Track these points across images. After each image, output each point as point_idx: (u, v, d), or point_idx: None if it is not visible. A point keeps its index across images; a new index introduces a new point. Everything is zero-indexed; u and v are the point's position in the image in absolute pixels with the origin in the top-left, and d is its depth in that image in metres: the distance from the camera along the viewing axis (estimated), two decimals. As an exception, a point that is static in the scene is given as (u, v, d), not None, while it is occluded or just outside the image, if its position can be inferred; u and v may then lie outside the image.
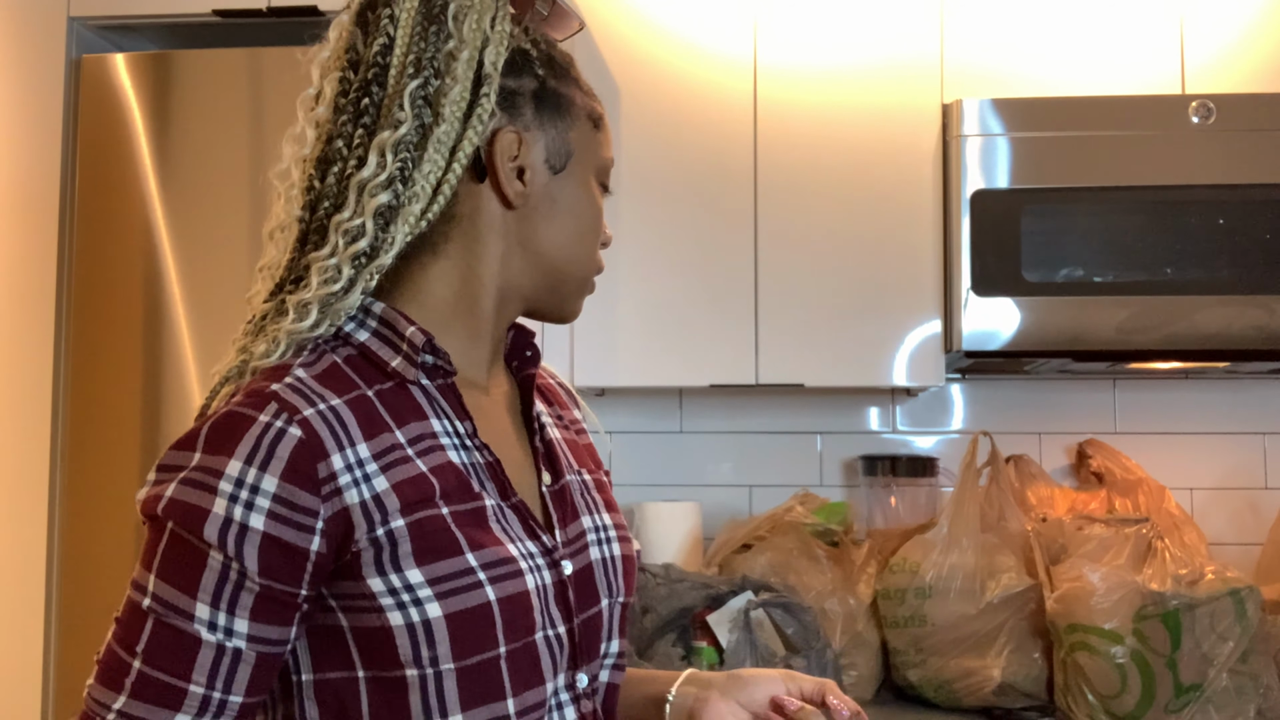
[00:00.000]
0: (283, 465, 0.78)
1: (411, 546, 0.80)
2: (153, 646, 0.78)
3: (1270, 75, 2.15)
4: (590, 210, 0.94)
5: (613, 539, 0.96)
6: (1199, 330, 2.02)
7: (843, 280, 2.16)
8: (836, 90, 2.18)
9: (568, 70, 0.94)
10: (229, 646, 0.78)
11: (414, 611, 0.79)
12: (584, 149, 0.94)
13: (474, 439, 0.88)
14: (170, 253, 1.90)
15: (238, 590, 0.78)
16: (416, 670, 0.80)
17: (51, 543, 1.90)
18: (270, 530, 0.77)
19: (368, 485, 0.80)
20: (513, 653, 0.82)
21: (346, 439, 0.81)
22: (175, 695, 0.78)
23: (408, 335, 0.86)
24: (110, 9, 1.97)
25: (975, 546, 2.02)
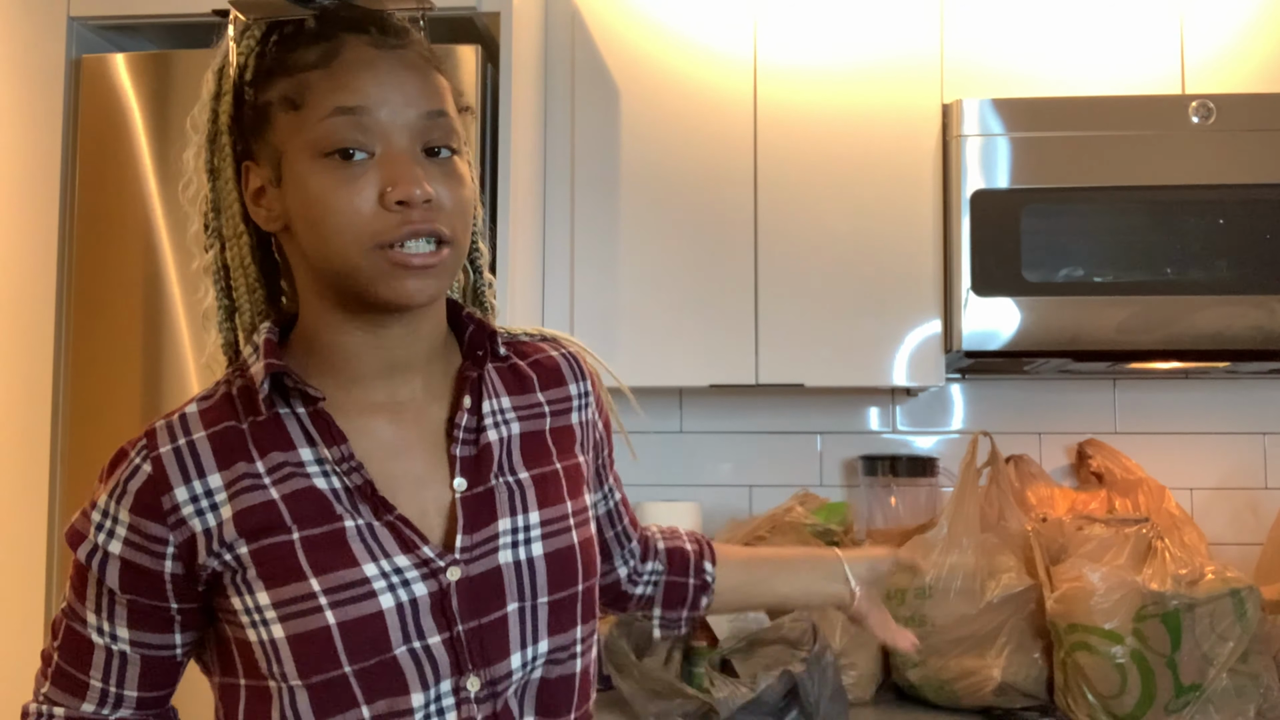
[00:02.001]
0: (132, 500, 0.89)
1: (257, 571, 0.87)
2: (64, 645, 0.94)
3: (1270, 75, 2.15)
4: (315, 200, 0.86)
5: (534, 539, 0.93)
6: (1199, 330, 2.02)
7: (843, 280, 2.16)
8: (836, 90, 2.18)
9: (273, 68, 0.90)
10: (114, 649, 0.92)
11: (263, 631, 0.87)
12: (287, 140, 0.88)
13: (343, 464, 0.89)
14: (170, 253, 1.90)
15: (112, 603, 0.91)
16: (274, 682, 0.87)
17: (51, 543, 1.90)
18: (126, 555, 0.89)
19: (213, 514, 0.88)
20: (362, 670, 0.86)
21: (196, 472, 0.89)
22: (80, 686, 0.93)
23: (250, 373, 0.92)
24: (110, 9, 1.97)
25: (975, 546, 2.02)
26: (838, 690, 1.85)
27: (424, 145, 0.88)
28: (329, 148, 0.86)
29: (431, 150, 0.88)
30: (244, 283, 0.96)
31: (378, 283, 0.86)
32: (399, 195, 0.84)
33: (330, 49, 0.88)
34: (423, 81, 0.89)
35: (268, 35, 0.92)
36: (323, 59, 0.87)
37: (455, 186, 0.88)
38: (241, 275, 0.95)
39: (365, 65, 0.87)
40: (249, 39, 0.93)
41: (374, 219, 0.85)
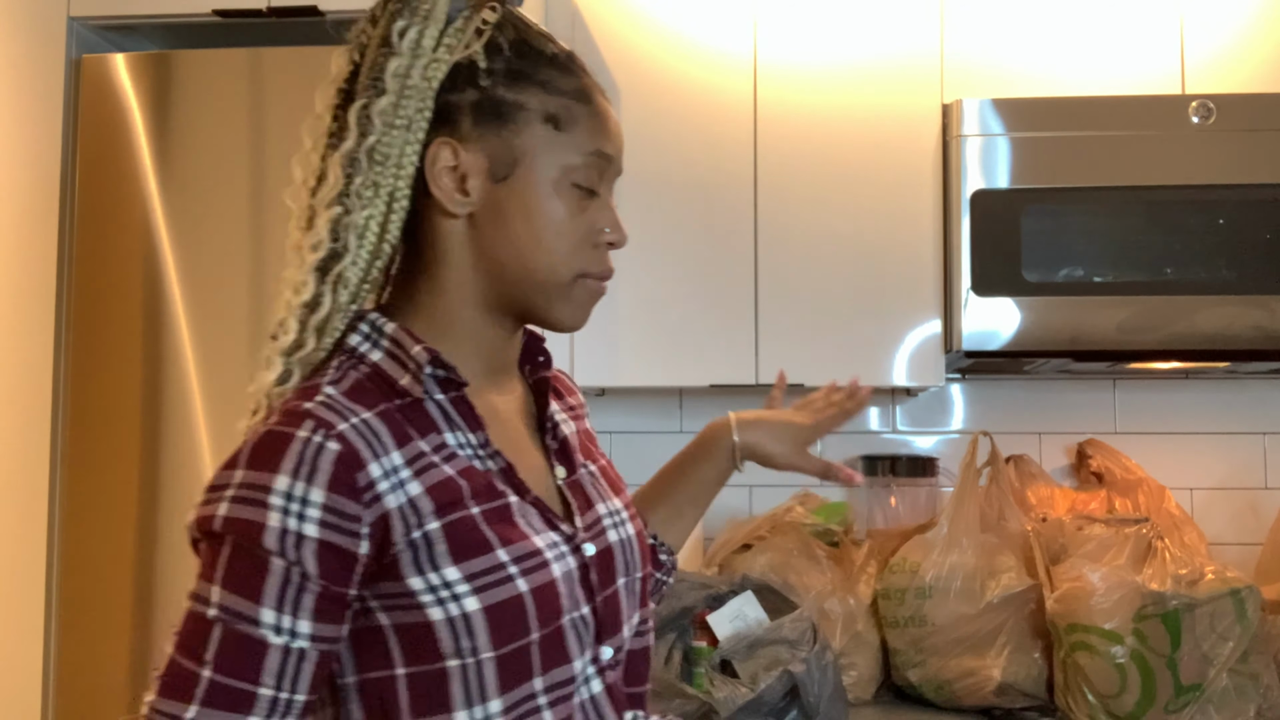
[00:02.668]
0: (326, 478, 0.83)
1: (447, 546, 0.85)
2: (222, 654, 0.82)
3: (1270, 75, 2.15)
4: (547, 214, 0.92)
5: (625, 520, 1.02)
6: (1199, 330, 2.02)
7: (843, 280, 2.16)
8: (836, 90, 2.18)
9: (529, 75, 0.93)
10: (294, 647, 0.83)
11: (453, 606, 0.85)
12: (538, 153, 0.92)
13: (485, 448, 0.93)
14: (170, 253, 1.90)
15: (300, 593, 0.82)
16: (458, 660, 0.85)
17: (51, 543, 1.90)
18: (323, 537, 0.82)
19: (403, 490, 0.86)
20: (543, 638, 0.88)
21: (381, 448, 0.86)
22: (246, 699, 0.81)
23: (413, 354, 0.91)
24: (110, 9, 1.97)
25: (975, 546, 2.02)
26: (838, 690, 1.86)
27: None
28: (582, 181, 0.94)
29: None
30: (371, 248, 0.91)
31: (564, 305, 0.96)
32: (614, 239, 0.97)
33: (585, 88, 0.96)
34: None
35: (500, 27, 0.94)
36: (582, 95, 0.95)
37: None
38: (374, 240, 0.91)
39: (614, 118, 0.98)
40: (476, 20, 0.93)
41: (585, 250, 0.95)
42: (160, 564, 1.85)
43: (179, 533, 1.85)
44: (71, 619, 1.87)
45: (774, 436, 1.24)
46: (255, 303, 1.88)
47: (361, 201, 0.90)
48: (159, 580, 1.85)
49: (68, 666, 1.87)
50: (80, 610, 1.87)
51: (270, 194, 1.89)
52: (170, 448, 1.87)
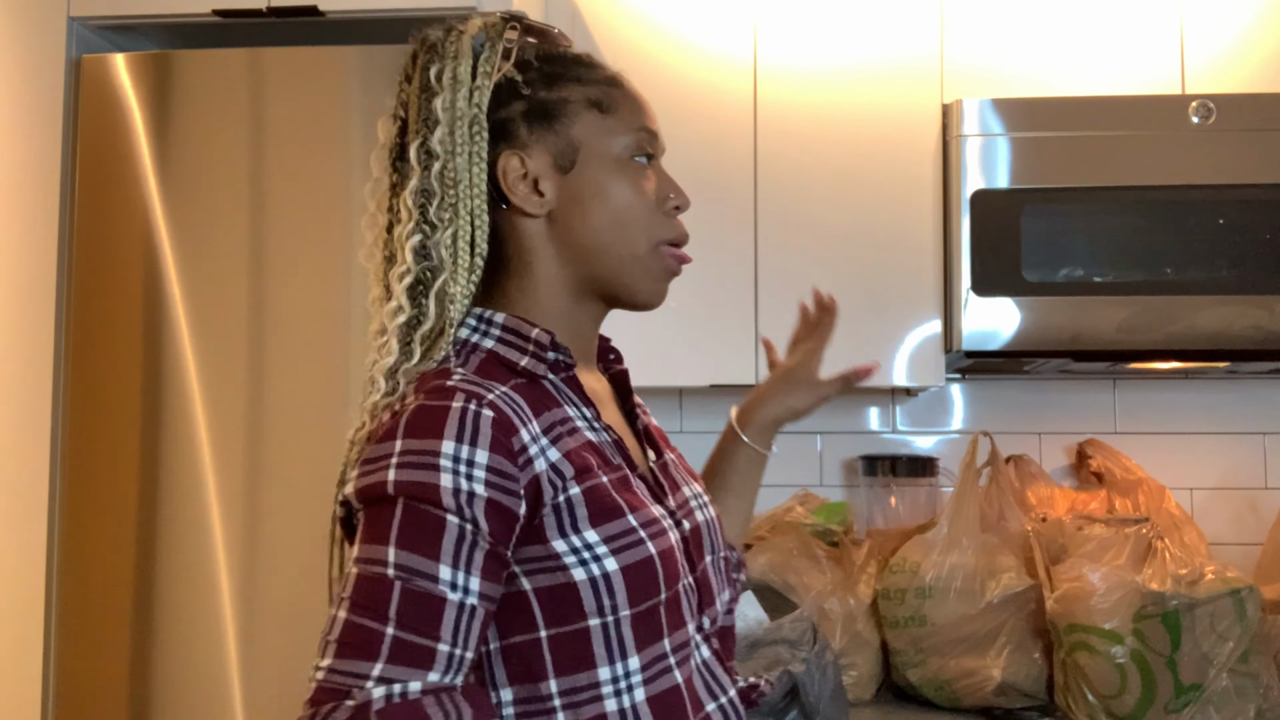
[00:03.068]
0: (488, 441, 0.88)
1: (587, 511, 0.91)
2: (405, 611, 0.84)
3: (1270, 75, 2.15)
4: (619, 189, 1.00)
5: (707, 504, 1.09)
6: (1199, 330, 2.02)
7: (843, 280, 2.16)
8: (836, 90, 2.18)
9: (562, 74, 1.02)
10: (468, 604, 0.86)
11: (594, 567, 0.90)
12: (593, 137, 1.01)
13: (599, 421, 1.00)
14: (170, 253, 1.90)
15: (473, 549, 0.87)
16: (599, 619, 0.90)
17: (51, 543, 1.89)
18: (491, 495, 0.87)
19: (545, 456, 0.91)
20: (669, 599, 0.94)
21: (525, 416, 0.92)
22: (427, 655, 0.85)
23: (533, 336, 0.98)
24: (110, 9, 1.97)
25: (975, 546, 2.02)
26: (838, 690, 1.85)
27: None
28: (637, 152, 1.02)
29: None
30: (466, 262, 0.98)
31: (645, 278, 1.02)
32: (679, 202, 1.03)
33: (613, 75, 1.04)
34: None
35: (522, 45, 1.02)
36: (613, 81, 1.03)
37: None
38: (467, 253, 0.98)
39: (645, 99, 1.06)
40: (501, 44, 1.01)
41: (658, 218, 1.02)
42: (160, 564, 1.85)
43: (179, 532, 1.85)
44: (71, 619, 1.87)
45: (781, 396, 1.27)
46: (255, 303, 1.88)
47: (444, 223, 0.97)
48: (159, 580, 1.85)
49: (68, 666, 1.87)
50: (80, 610, 1.87)
51: (270, 194, 1.89)
52: (170, 448, 1.87)
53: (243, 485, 1.85)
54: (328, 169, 1.88)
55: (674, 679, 0.94)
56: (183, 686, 1.83)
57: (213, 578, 1.85)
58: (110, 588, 1.86)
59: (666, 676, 0.94)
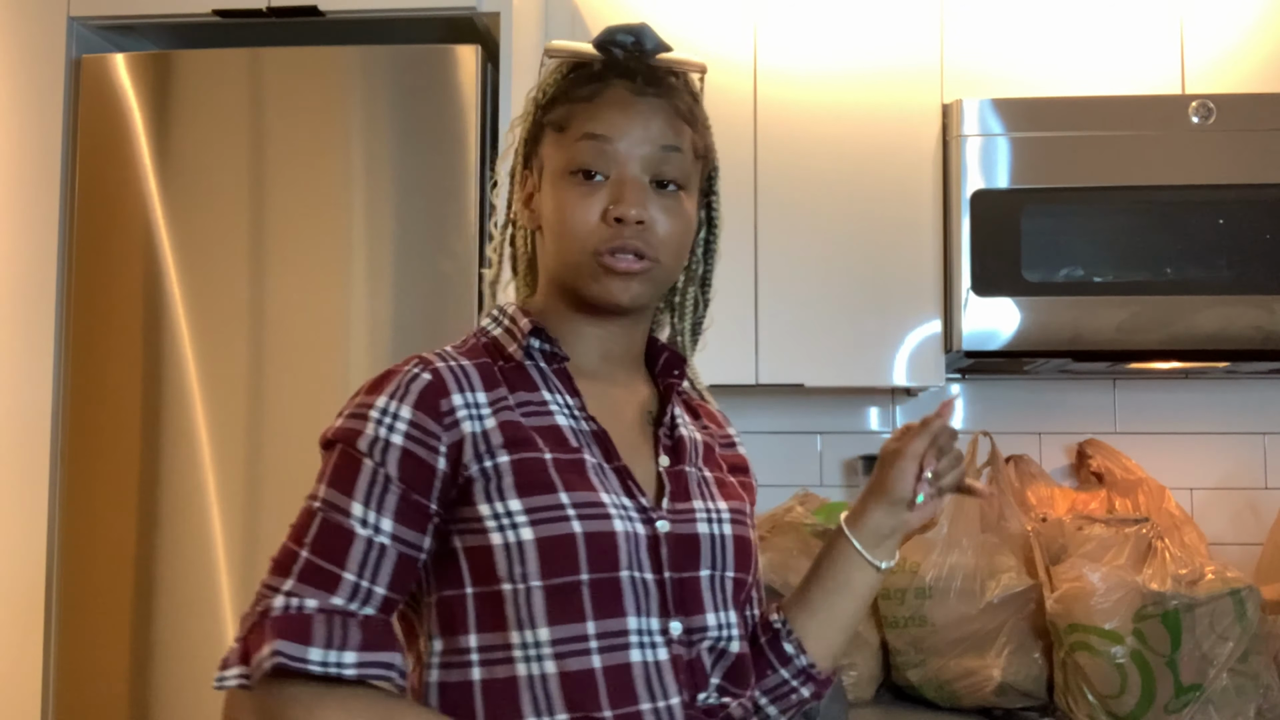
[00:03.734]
0: (414, 399, 0.98)
1: (513, 480, 0.97)
2: (318, 539, 0.96)
3: (1270, 75, 2.15)
4: (557, 204, 1.05)
5: (724, 520, 1.08)
6: (1199, 330, 2.02)
7: (843, 280, 2.16)
8: (836, 91, 2.18)
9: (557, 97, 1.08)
10: (376, 541, 0.95)
11: (510, 534, 0.95)
12: (549, 156, 1.07)
13: (582, 412, 1.05)
14: (170, 253, 1.90)
15: (384, 492, 0.96)
16: (510, 585, 0.95)
17: (51, 543, 1.90)
18: (407, 446, 0.97)
19: (480, 422, 0.99)
20: (595, 582, 0.96)
21: (468, 385, 1.01)
22: (332, 579, 0.94)
23: (520, 324, 1.07)
24: (110, 9, 1.97)
25: (975, 546, 2.02)
26: (838, 690, 1.85)
27: (654, 177, 1.05)
28: (574, 167, 1.04)
29: (661, 183, 1.05)
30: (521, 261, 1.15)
31: (593, 283, 1.04)
32: (617, 213, 1.02)
33: (598, 88, 1.06)
34: (666, 123, 1.05)
35: (569, 71, 1.09)
36: (589, 95, 1.06)
37: (672, 216, 1.04)
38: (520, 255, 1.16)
39: (619, 103, 1.05)
40: (556, 71, 1.10)
41: (596, 230, 1.03)
42: (160, 563, 1.85)
43: (179, 531, 1.85)
44: (72, 617, 1.87)
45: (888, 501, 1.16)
46: (255, 303, 1.88)
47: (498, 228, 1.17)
48: (159, 579, 1.85)
49: (68, 666, 1.87)
50: (80, 608, 1.87)
51: (270, 194, 1.89)
52: (170, 447, 1.87)
53: (243, 485, 1.85)
54: (328, 169, 1.89)
55: (589, 663, 0.96)
56: (183, 686, 1.83)
57: (213, 577, 1.85)
58: (110, 587, 1.86)
59: (582, 658, 0.96)
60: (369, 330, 1.87)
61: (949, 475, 1.19)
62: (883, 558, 1.18)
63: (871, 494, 1.18)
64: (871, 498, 1.17)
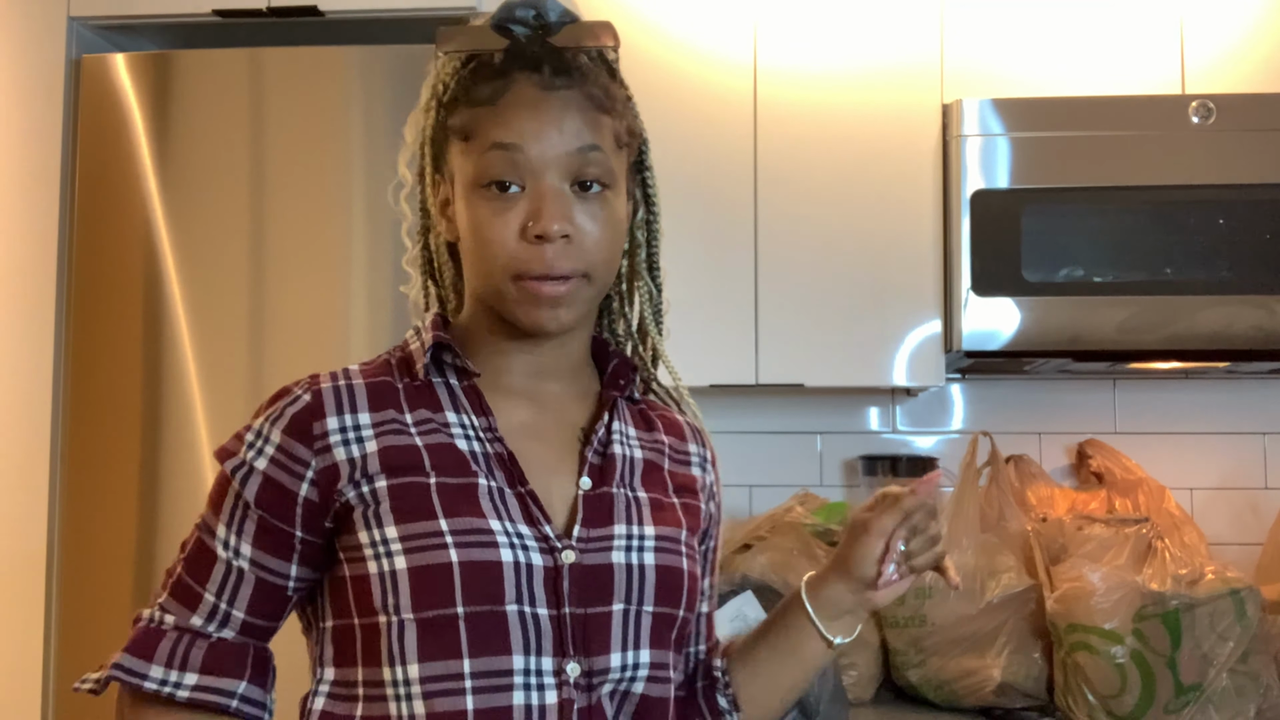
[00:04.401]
0: (286, 423, 0.95)
1: (390, 505, 0.91)
2: (190, 557, 0.96)
3: (1270, 75, 2.15)
4: (471, 222, 0.95)
5: (647, 548, 0.97)
6: (1199, 330, 2.02)
7: (843, 280, 2.16)
8: (836, 91, 2.18)
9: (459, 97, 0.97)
10: (234, 564, 0.94)
11: (385, 562, 0.90)
12: (459, 169, 0.97)
13: (488, 433, 0.97)
14: (170, 253, 1.90)
15: (243, 518, 0.94)
16: (385, 616, 0.90)
17: (51, 543, 1.90)
18: (269, 472, 0.94)
19: (359, 446, 0.93)
20: (473, 616, 0.89)
21: (349, 407, 0.95)
22: (194, 598, 0.95)
23: (424, 339, 1.00)
24: (110, 9, 1.97)
25: (975, 546, 2.02)
26: (838, 690, 1.86)
27: (575, 179, 0.94)
28: (485, 179, 0.94)
29: (583, 184, 0.94)
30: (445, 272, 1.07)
31: (516, 309, 0.95)
32: (538, 230, 0.91)
33: (500, 87, 0.95)
34: (581, 119, 0.94)
35: (466, 61, 0.98)
36: (492, 96, 0.95)
37: (599, 221, 0.95)
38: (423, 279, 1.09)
39: (527, 104, 0.94)
40: (452, 60, 0.99)
41: (516, 250, 0.93)
42: (160, 563, 1.85)
43: (179, 531, 1.85)
44: (71, 618, 1.87)
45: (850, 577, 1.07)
46: (255, 303, 1.88)
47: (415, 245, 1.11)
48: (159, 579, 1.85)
49: (68, 666, 1.87)
50: (80, 609, 1.87)
51: (270, 194, 1.89)
52: (170, 447, 1.87)
53: (243, 485, 1.85)
54: (328, 169, 1.89)
55: (462, 703, 0.87)
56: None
57: (213, 578, 1.85)
58: (110, 587, 1.86)
59: (454, 698, 0.88)
60: (368, 330, 1.87)
61: (922, 556, 1.06)
62: (838, 633, 1.08)
63: (835, 566, 1.08)
64: (834, 570, 1.07)
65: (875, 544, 1.05)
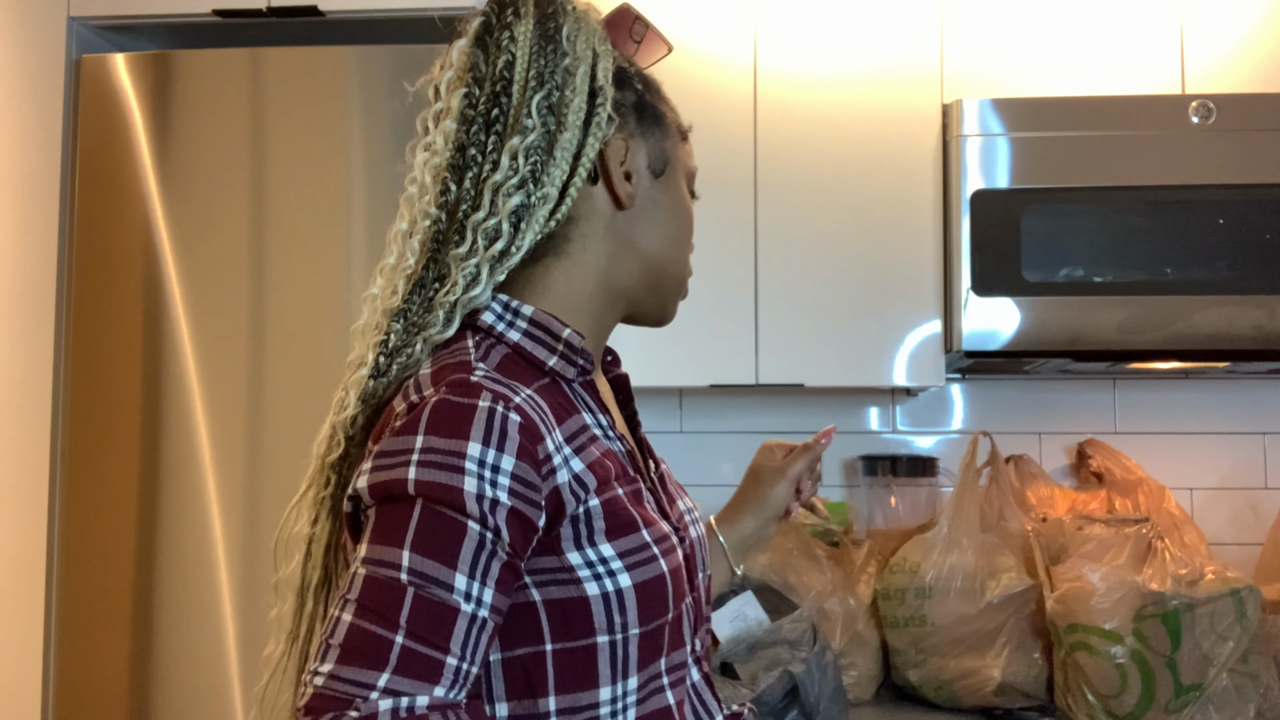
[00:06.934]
0: (515, 446, 0.83)
1: (604, 524, 0.87)
2: (416, 619, 0.79)
3: (1270, 75, 2.15)
4: (685, 213, 1.03)
5: (698, 519, 1.06)
6: (1199, 330, 2.02)
7: (843, 280, 2.16)
8: (836, 92, 2.18)
9: (658, 87, 1.04)
10: (479, 616, 0.81)
11: (608, 582, 0.86)
12: (677, 158, 1.03)
13: (614, 430, 0.96)
14: (170, 253, 1.90)
15: (491, 559, 0.81)
16: (608, 636, 0.86)
17: (51, 543, 1.90)
18: (515, 505, 0.82)
19: (569, 466, 0.87)
20: (674, 619, 0.91)
21: (550, 423, 0.87)
22: (436, 667, 0.79)
23: (564, 337, 0.93)
24: (110, 9, 1.97)
25: (975, 546, 2.02)
26: (838, 690, 1.86)
27: None
28: (692, 187, 1.06)
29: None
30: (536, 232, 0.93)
31: (672, 297, 1.03)
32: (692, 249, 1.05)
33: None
34: None
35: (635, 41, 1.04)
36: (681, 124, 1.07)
37: None
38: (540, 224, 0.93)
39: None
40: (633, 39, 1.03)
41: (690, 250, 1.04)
42: (160, 564, 1.85)
43: (179, 532, 1.85)
44: (71, 619, 1.87)
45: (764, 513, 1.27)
46: (255, 302, 1.88)
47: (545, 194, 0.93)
48: (159, 580, 1.85)
49: (68, 666, 1.87)
50: (80, 610, 1.87)
51: (270, 194, 1.89)
52: (170, 448, 1.87)
53: (243, 485, 1.85)
54: (328, 169, 1.89)
55: (665, 699, 0.91)
56: (183, 686, 1.83)
57: (213, 578, 1.85)
58: (110, 587, 1.86)
59: (658, 696, 0.91)
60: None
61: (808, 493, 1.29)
62: (739, 564, 1.23)
63: (745, 504, 1.24)
64: (744, 508, 1.23)
65: (789, 486, 1.24)
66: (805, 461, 1.26)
